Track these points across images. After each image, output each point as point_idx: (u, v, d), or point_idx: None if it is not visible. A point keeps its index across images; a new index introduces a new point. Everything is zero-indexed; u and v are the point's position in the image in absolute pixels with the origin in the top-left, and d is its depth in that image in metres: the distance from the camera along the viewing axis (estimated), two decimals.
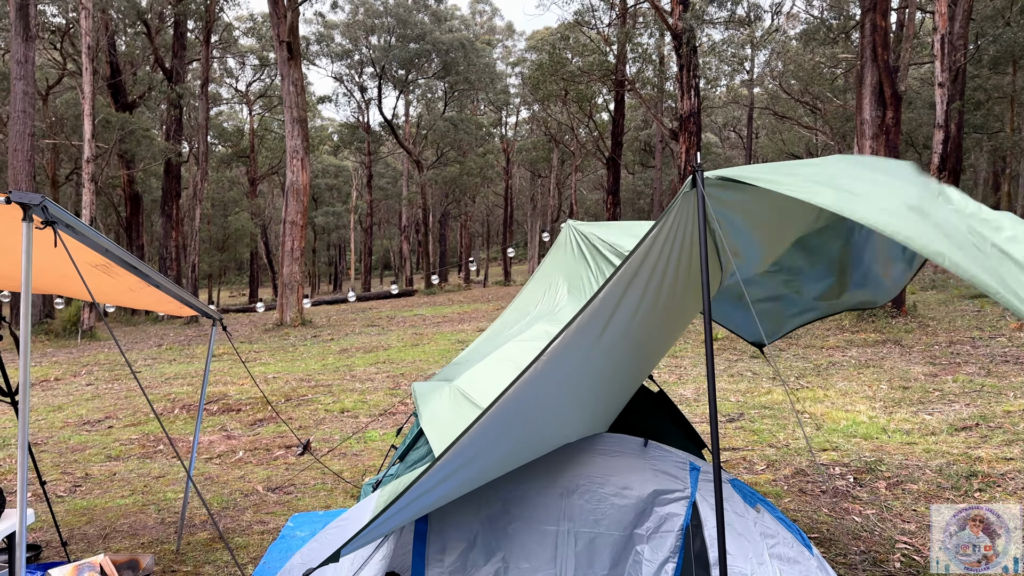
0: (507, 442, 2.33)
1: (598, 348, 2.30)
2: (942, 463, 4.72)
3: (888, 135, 12.25)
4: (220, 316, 3.94)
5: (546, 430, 2.47)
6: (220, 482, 5.12)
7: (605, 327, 2.25)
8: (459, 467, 2.19)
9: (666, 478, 2.50)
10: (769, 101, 33.32)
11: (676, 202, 2.23)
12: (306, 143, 19.79)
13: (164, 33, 29.85)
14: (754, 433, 5.85)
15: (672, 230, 2.23)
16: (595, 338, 2.26)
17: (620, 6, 27.42)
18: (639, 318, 2.34)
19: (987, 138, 26.86)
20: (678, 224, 2.23)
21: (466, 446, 2.10)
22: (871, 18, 12.39)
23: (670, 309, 2.51)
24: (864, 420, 6.07)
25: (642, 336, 2.51)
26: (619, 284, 2.18)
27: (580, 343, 2.21)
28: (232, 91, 42.31)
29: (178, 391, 10.10)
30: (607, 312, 2.22)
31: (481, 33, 41.43)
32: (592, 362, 2.36)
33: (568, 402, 2.45)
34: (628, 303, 2.27)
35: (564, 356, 2.17)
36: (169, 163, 28.02)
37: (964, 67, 20.89)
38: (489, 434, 2.15)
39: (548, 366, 2.13)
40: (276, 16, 19.52)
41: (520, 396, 2.12)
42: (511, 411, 2.14)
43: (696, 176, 2.18)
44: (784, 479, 4.63)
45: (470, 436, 2.08)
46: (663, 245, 2.23)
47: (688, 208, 2.22)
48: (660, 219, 2.19)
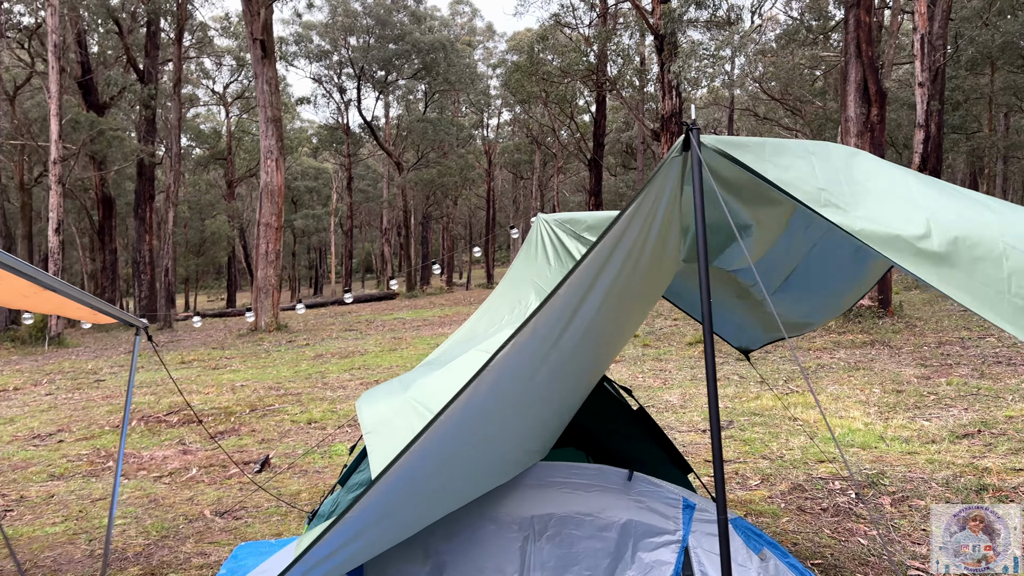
0: (450, 471, 1.94)
1: (557, 351, 1.92)
2: (948, 475, 4.40)
3: (873, 133, 12.04)
4: (145, 325, 3.52)
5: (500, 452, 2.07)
6: (165, 505, 4.68)
7: (567, 325, 1.87)
8: (381, 516, 1.78)
9: (654, 517, 2.10)
10: (750, 103, 33.29)
11: (660, 169, 1.85)
12: (281, 143, 19.28)
13: (136, 33, 29.17)
14: (745, 443, 5.51)
15: (653, 204, 1.87)
16: (554, 341, 1.90)
17: (601, 6, 27.20)
18: (604, 312, 1.97)
19: (965, 138, 26.95)
20: (660, 196, 1.87)
21: (393, 484, 1.70)
22: (855, 14, 12.19)
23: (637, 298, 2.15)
24: (860, 427, 5.76)
25: (605, 332, 2.14)
26: (586, 274, 1.81)
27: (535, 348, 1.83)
28: (209, 92, 41.59)
29: (140, 401, 9.59)
30: (570, 308, 1.85)
31: (461, 34, 41.08)
32: (550, 367, 1.98)
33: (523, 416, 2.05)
34: (595, 295, 1.91)
35: (516, 364, 1.80)
36: (142, 165, 27.32)
37: (943, 68, 20.86)
38: (424, 464, 1.76)
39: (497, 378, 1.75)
40: (250, 13, 19.02)
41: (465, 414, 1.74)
42: (453, 433, 1.77)
43: (690, 136, 1.81)
44: (781, 495, 4.29)
45: (399, 469, 1.68)
46: (642, 224, 1.87)
47: (673, 175, 1.86)
48: (639, 193, 1.82)
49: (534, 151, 39.73)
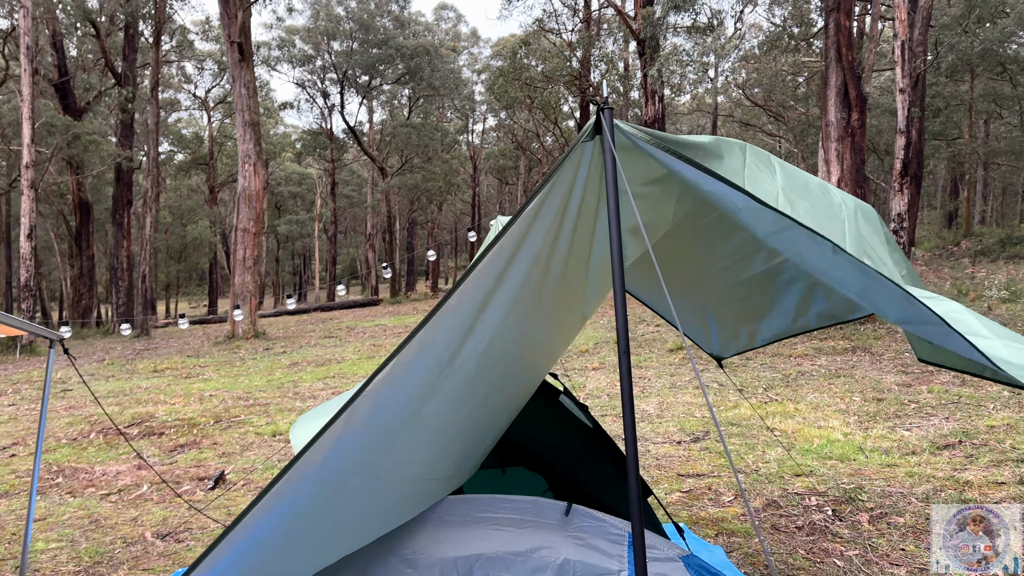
0: (331, 510, 1.68)
1: (453, 373, 1.69)
2: (928, 489, 4.23)
3: (854, 137, 11.97)
4: (60, 337, 3.28)
5: (394, 485, 1.81)
6: (106, 526, 4.41)
7: (463, 342, 1.66)
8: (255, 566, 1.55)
9: (596, 556, 1.88)
10: (733, 109, 33.35)
11: (566, 159, 1.64)
12: (259, 147, 18.99)
13: (115, 36, 28.77)
14: (721, 455, 5.33)
15: (563, 201, 1.66)
16: (446, 362, 1.67)
17: (584, 11, 27.14)
18: (513, 325, 1.76)
19: (946, 145, 27.10)
20: (570, 191, 1.66)
21: (255, 530, 1.47)
22: (835, 18, 12.13)
23: (558, 308, 1.94)
24: (839, 438, 5.59)
25: (519, 348, 1.91)
26: (481, 284, 1.60)
27: (424, 369, 1.61)
28: (191, 97, 41.16)
29: (101, 412, 9.29)
30: (464, 324, 1.63)
31: (446, 40, 40.93)
32: (448, 390, 1.74)
33: (421, 444, 1.81)
34: (497, 307, 1.69)
35: (403, 388, 1.58)
36: (120, 169, 26.91)
37: (924, 74, 20.94)
38: (295, 505, 1.53)
39: (375, 405, 1.53)
40: (227, 16, 18.74)
41: (339, 447, 1.52)
42: (329, 469, 1.54)
43: (601, 116, 1.61)
44: (755, 513, 4.10)
45: (260, 513, 1.45)
46: (550, 224, 1.66)
47: (585, 164, 1.65)
48: (540, 187, 1.60)
49: (519, 157, 39.58)
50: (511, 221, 1.55)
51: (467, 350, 1.69)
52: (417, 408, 1.65)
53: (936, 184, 36.68)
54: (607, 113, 1.62)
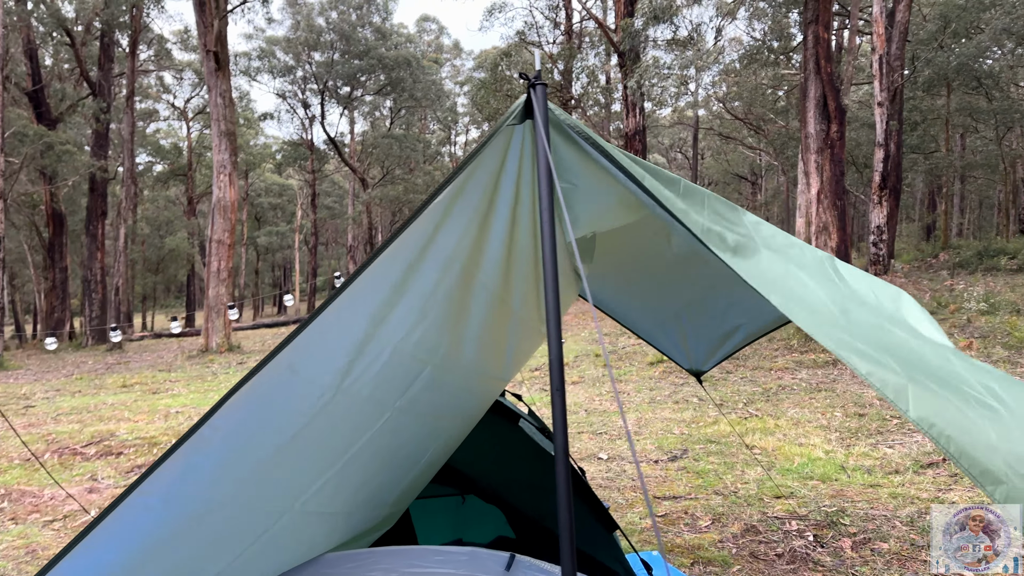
0: (191, 548, 1.42)
1: (343, 394, 1.47)
2: (913, 512, 4.06)
3: (833, 149, 11.94)
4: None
5: (272, 522, 1.53)
6: (43, 557, 4.12)
7: (353, 361, 1.44)
8: None
9: None
10: (714, 122, 33.53)
11: (489, 142, 1.42)
12: (235, 158, 18.70)
13: (91, 45, 28.38)
14: (699, 475, 5.14)
15: (486, 189, 1.45)
16: (336, 386, 1.44)
17: (566, 24, 27.18)
18: (423, 338, 1.54)
19: (924, 158, 27.36)
20: (494, 185, 1.45)
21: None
22: (813, 30, 12.13)
23: (497, 318, 1.72)
24: (820, 456, 5.42)
25: (440, 366, 1.69)
26: (376, 287, 1.38)
27: (303, 389, 1.39)
28: (170, 107, 40.71)
29: (62, 430, 8.94)
30: (355, 335, 1.41)
31: (428, 51, 40.89)
32: (335, 414, 1.50)
33: (296, 478, 1.56)
34: (401, 315, 1.47)
35: (273, 409, 1.36)
36: (94, 180, 26.45)
37: (901, 88, 21.13)
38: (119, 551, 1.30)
39: (233, 431, 1.31)
40: (203, 25, 18.49)
41: (188, 480, 1.29)
42: (183, 500, 1.31)
43: (532, 94, 1.41)
44: (732, 539, 3.90)
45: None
46: (470, 217, 1.46)
47: (510, 149, 1.44)
48: (456, 173, 1.39)
49: None
50: (410, 219, 1.34)
51: (359, 369, 1.47)
52: (294, 432, 1.42)
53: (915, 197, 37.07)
54: (539, 90, 1.41)
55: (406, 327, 1.51)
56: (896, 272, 19.04)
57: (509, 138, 1.46)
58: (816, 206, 11.88)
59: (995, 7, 19.99)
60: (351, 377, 1.47)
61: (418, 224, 1.35)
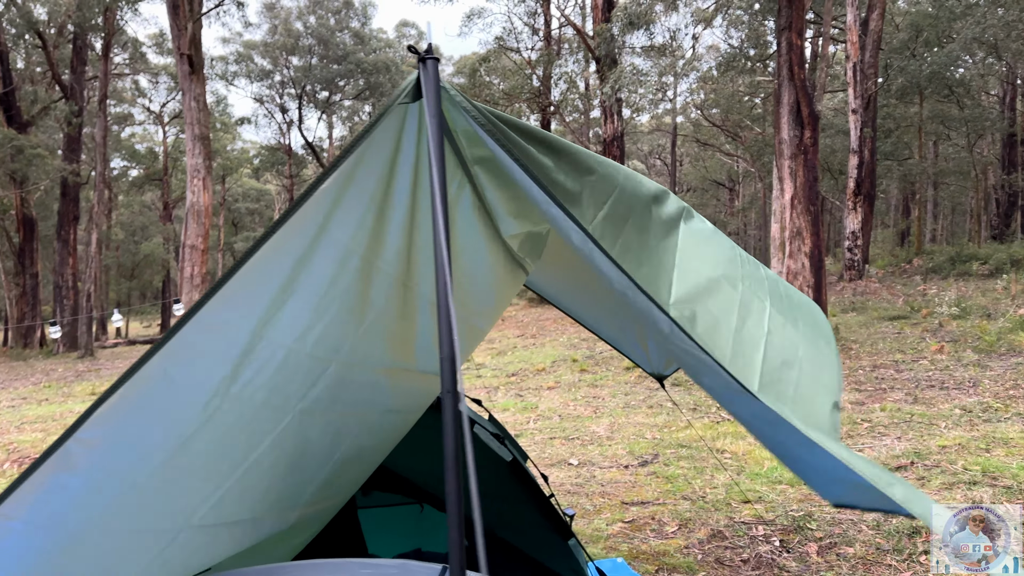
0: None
1: (231, 400, 1.37)
2: (879, 516, 4.03)
3: (807, 155, 12.01)
4: None
5: (160, 541, 1.43)
6: None
7: (240, 363, 1.35)
8: None
9: None
10: (692, 129, 33.77)
11: (379, 123, 1.33)
12: (209, 162, 18.46)
13: (63, 48, 27.95)
14: (668, 480, 5.09)
15: (381, 175, 1.36)
16: (215, 387, 1.34)
17: (544, 30, 27.24)
18: (321, 337, 1.45)
19: (898, 165, 27.75)
20: (389, 161, 1.37)
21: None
22: (787, 37, 12.21)
23: (405, 314, 1.63)
24: None
25: (347, 364, 1.60)
26: (261, 285, 1.30)
27: (184, 395, 1.30)
28: (145, 111, 40.20)
29: (25, 439, 8.73)
30: (239, 338, 1.33)
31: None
32: (224, 421, 1.40)
33: (195, 488, 1.47)
34: (293, 314, 1.37)
35: (145, 425, 1.28)
36: (66, 185, 26.02)
37: (875, 96, 21.42)
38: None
39: (111, 448, 1.22)
40: (176, 28, 18.26)
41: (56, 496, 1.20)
42: (50, 524, 1.22)
43: (422, 70, 1.33)
44: (699, 544, 3.84)
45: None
46: (366, 205, 1.37)
47: (404, 131, 1.36)
48: (342, 157, 1.30)
49: None
50: (289, 210, 1.26)
51: (248, 373, 1.38)
52: (180, 443, 1.33)
53: (890, 203, 37.58)
54: (430, 66, 1.32)
55: (301, 327, 1.42)
56: (871, 277, 19.24)
57: (403, 119, 1.37)
58: (790, 211, 11.95)
59: (966, 16, 20.34)
60: (239, 383, 1.38)
61: (303, 215, 1.27)
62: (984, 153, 29.11)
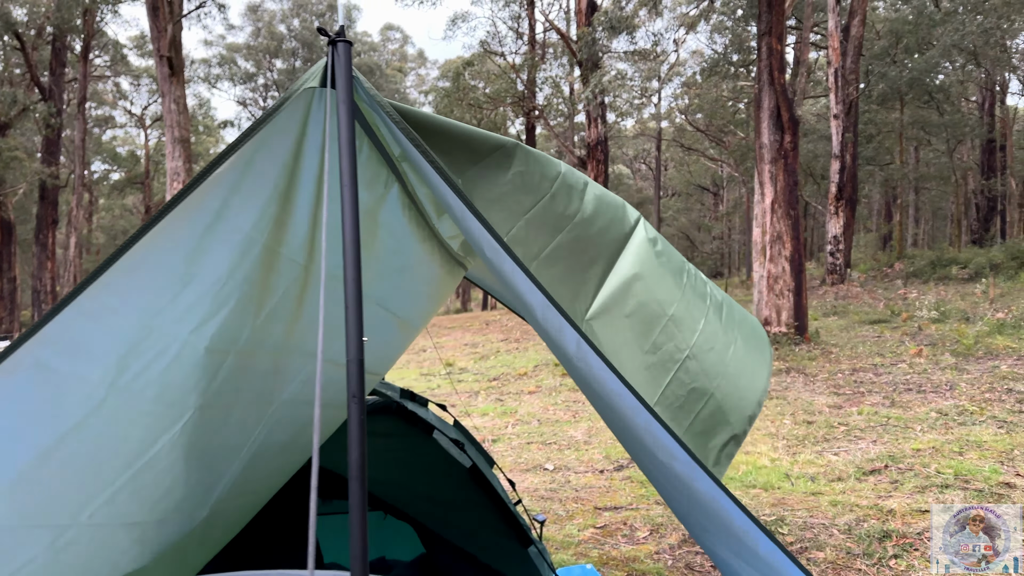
0: None
1: (117, 392, 1.29)
2: (851, 520, 4.01)
3: (787, 159, 12.06)
4: None
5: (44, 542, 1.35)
6: None
7: (126, 356, 1.28)
8: None
9: None
10: (676, 134, 33.91)
11: (283, 107, 1.26)
12: (189, 165, 18.27)
13: (43, 50, 27.64)
14: (642, 485, 5.04)
15: (284, 162, 1.30)
16: (100, 378, 1.27)
17: (528, 34, 27.27)
18: (220, 329, 1.38)
19: (879, 170, 28.00)
20: (294, 148, 1.30)
21: None
22: (767, 41, 12.27)
23: (299, 314, 1.56)
24: (766, 464, 5.37)
25: (252, 353, 1.53)
26: (151, 274, 1.24)
27: (63, 386, 1.23)
28: (126, 114, 39.83)
29: None
30: (125, 330, 1.26)
31: (392, 60, 40.73)
32: (111, 415, 1.33)
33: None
34: (188, 305, 1.31)
35: (24, 421, 1.21)
36: (44, 188, 25.69)
37: (856, 101, 21.60)
38: None
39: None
40: (156, 30, 18.10)
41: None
42: None
43: (333, 52, 1.27)
44: (669, 550, 3.79)
45: None
46: (269, 193, 1.30)
47: (310, 115, 1.29)
48: (243, 139, 1.23)
49: None
50: (178, 196, 1.18)
51: (137, 366, 1.31)
52: (59, 436, 1.25)
53: (871, 208, 37.91)
54: (341, 49, 1.25)
55: (198, 318, 1.36)
56: (853, 281, 19.35)
57: (309, 103, 1.31)
58: (770, 215, 11.99)
59: (945, 23, 20.56)
60: (128, 375, 1.31)
61: (195, 201, 1.21)
62: (964, 158, 29.44)
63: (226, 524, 1.81)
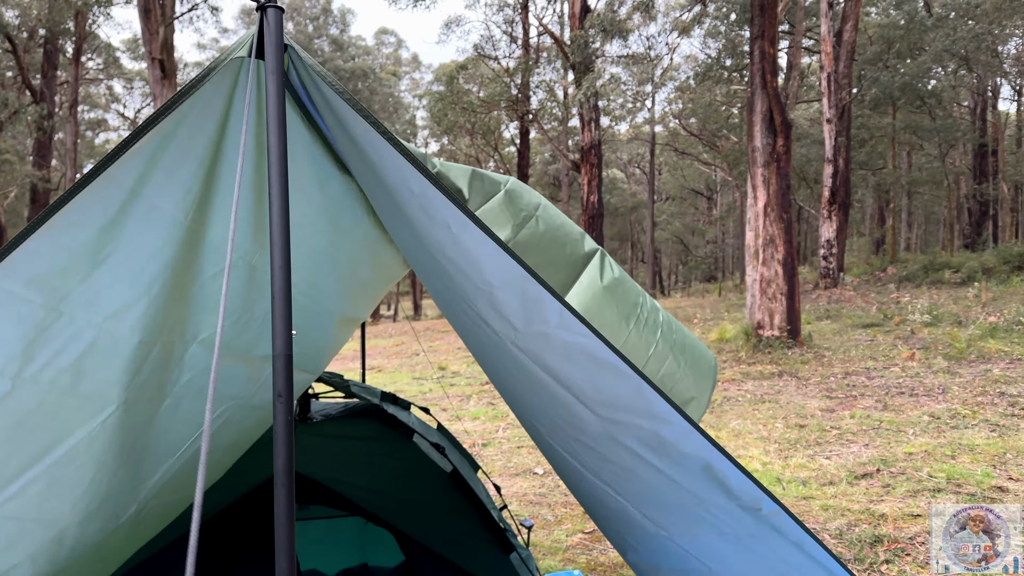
0: None
1: (25, 383, 1.22)
2: (843, 524, 3.96)
3: (779, 163, 12.06)
4: None
5: None
6: None
7: (32, 344, 1.20)
8: None
9: None
10: (670, 138, 33.97)
11: (210, 78, 1.20)
12: None
13: (34, 52, 27.53)
14: None
15: (209, 138, 1.23)
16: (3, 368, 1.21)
17: (522, 38, 27.29)
18: (142, 316, 1.30)
19: (872, 174, 28.09)
20: (219, 122, 1.24)
21: None
22: (760, 45, 12.28)
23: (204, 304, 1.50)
24: (758, 468, 5.33)
25: (177, 341, 1.46)
26: (55, 255, 1.17)
27: None
28: (120, 117, 39.68)
29: None
30: (27, 317, 1.19)
31: (387, 64, 40.69)
32: (13, 408, 1.26)
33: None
34: (105, 287, 1.25)
35: None
36: (35, 190, 25.56)
37: (849, 106, 21.66)
38: None
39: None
40: (148, 32, 18.03)
41: None
42: None
43: (263, 19, 1.21)
44: None
45: None
46: (195, 172, 1.24)
47: (236, 87, 1.23)
48: (162, 112, 1.17)
49: None
50: (92, 172, 1.12)
51: (46, 355, 1.24)
52: None
53: (864, 212, 38.02)
54: (271, 15, 1.19)
55: (117, 303, 1.28)
56: (846, 285, 19.37)
57: (236, 74, 1.25)
58: (763, 219, 11.97)
59: (936, 29, 20.64)
60: (35, 364, 1.24)
61: (108, 177, 1.14)
62: (956, 163, 29.58)
63: (158, 520, 1.74)
